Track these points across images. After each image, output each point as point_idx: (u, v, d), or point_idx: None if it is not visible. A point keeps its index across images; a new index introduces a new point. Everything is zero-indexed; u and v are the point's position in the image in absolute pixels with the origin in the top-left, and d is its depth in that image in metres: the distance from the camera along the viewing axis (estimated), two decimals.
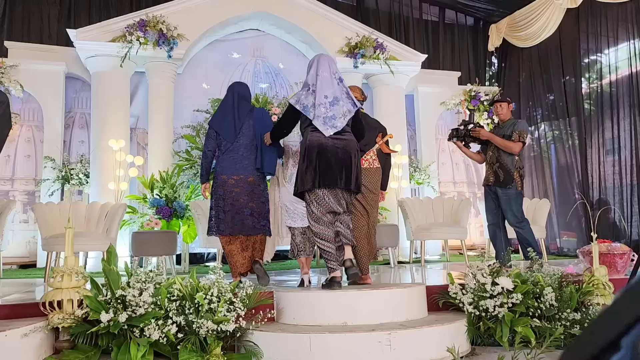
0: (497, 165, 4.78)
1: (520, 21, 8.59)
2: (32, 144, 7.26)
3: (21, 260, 6.83)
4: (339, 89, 3.42)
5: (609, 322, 0.46)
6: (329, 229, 3.35)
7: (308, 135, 3.38)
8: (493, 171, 4.81)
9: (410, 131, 8.60)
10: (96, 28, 6.87)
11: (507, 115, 4.90)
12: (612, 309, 0.47)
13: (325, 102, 3.35)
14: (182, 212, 6.31)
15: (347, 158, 3.32)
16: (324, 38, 7.74)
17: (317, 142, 3.32)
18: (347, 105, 3.39)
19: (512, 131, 4.75)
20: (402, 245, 7.02)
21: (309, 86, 3.45)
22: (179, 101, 7.37)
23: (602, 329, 0.47)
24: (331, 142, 3.32)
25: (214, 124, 4.04)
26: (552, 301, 3.42)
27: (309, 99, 3.39)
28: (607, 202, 7.27)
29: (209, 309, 3.03)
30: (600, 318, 0.48)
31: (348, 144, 3.37)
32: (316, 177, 3.28)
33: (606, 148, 7.44)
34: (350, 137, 3.42)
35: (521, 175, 4.74)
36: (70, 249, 3.17)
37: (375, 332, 3.01)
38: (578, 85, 7.89)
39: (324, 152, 3.29)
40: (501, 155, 4.76)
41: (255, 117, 4.03)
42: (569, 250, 7.73)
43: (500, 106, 4.90)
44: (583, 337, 0.49)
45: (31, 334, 2.95)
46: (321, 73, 3.44)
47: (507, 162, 4.72)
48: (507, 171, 4.71)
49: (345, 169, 3.31)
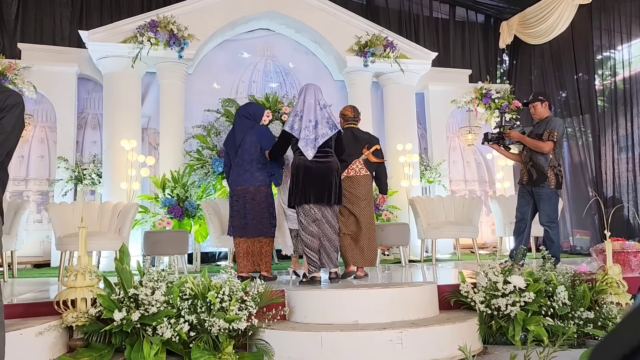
0: (531, 165, 4.76)
1: (532, 18, 8.52)
2: (45, 145, 7.34)
3: (35, 260, 6.90)
4: (320, 114, 4.03)
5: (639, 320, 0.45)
6: (314, 239, 3.99)
7: (296, 158, 4.05)
8: (527, 170, 4.81)
9: (420, 129, 8.57)
10: (108, 29, 6.93)
11: (542, 113, 4.84)
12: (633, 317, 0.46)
13: (309, 126, 3.99)
14: (194, 212, 6.34)
15: (327, 178, 3.97)
16: (334, 37, 7.74)
17: (303, 164, 3.98)
18: (324, 129, 3.99)
19: (544, 130, 4.72)
20: (413, 244, 6.99)
21: (297, 112, 4.06)
22: (190, 101, 7.41)
23: (633, 328, 0.45)
24: (315, 165, 3.97)
25: (224, 143, 4.78)
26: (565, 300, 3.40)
27: (297, 123, 4.02)
28: (621, 200, 7.18)
29: (220, 308, 3.05)
30: (631, 316, 0.46)
31: (329, 166, 4.01)
32: (303, 195, 3.95)
33: (620, 145, 7.36)
34: (332, 158, 4.05)
35: (556, 174, 4.69)
36: (83, 249, 3.20)
37: (386, 331, 3.01)
38: (591, 82, 7.81)
39: (308, 174, 3.95)
40: (534, 155, 4.74)
41: (257, 133, 4.52)
42: (582, 248, 7.66)
43: (533, 106, 4.88)
44: (613, 335, 0.47)
45: (45, 332, 2.99)
46: (307, 100, 4.06)
47: (540, 161, 4.69)
48: (540, 170, 4.69)
49: (327, 187, 3.96)
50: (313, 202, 3.95)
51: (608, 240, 3.87)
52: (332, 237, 4.06)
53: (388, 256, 7.10)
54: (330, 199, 3.97)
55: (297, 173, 3.99)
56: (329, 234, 4.05)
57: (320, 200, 3.96)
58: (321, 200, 3.96)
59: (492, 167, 8.83)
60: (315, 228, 4.00)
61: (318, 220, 4.00)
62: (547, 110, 4.85)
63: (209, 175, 6.75)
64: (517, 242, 4.89)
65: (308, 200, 3.94)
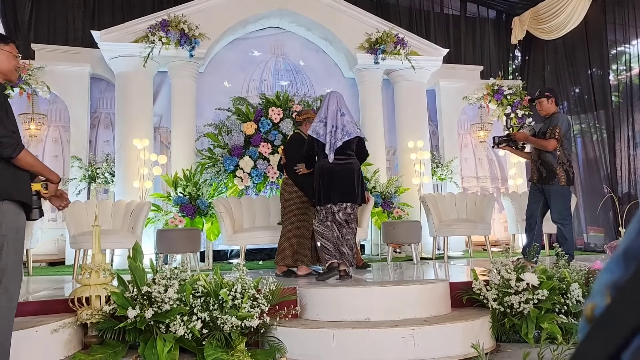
0: (539, 163, 4.73)
1: (544, 13, 8.43)
2: (59, 144, 7.42)
3: (50, 258, 6.99)
4: (340, 121, 4.27)
5: (606, 334, 0.44)
6: (329, 230, 4.15)
7: (321, 161, 4.25)
8: (536, 168, 4.78)
9: (432, 126, 8.53)
10: (120, 29, 6.98)
11: (549, 110, 4.79)
12: (608, 317, 0.45)
13: (332, 131, 4.23)
14: (206, 210, 6.37)
15: (350, 178, 4.18)
16: (344, 34, 7.72)
17: (327, 167, 4.19)
18: (343, 133, 4.20)
19: (548, 127, 4.69)
20: (424, 242, 6.97)
21: (322, 118, 4.30)
22: (201, 100, 7.44)
23: (600, 343, 0.44)
24: (337, 166, 4.18)
25: None
26: (579, 297, 3.37)
27: (321, 129, 4.26)
28: (636, 196, 7.09)
29: (232, 305, 3.07)
30: (597, 329, 0.45)
31: (351, 167, 4.22)
32: (327, 195, 4.15)
33: (635, 141, 7.26)
34: (353, 160, 4.26)
35: (566, 170, 4.64)
36: (97, 247, 3.24)
37: (398, 328, 3.00)
38: (605, 78, 7.71)
39: (331, 175, 4.16)
40: (542, 152, 4.71)
41: None
42: (596, 245, 7.57)
43: (539, 102, 4.83)
44: (582, 351, 0.47)
45: (60, 329, 3.02)
46: (330, 107, 4.29)
47: (549, 159, 4.66)
48: (549, 168, 4.65)
49: (350, 186, 4.17)
50: (338, 201, 4.14)
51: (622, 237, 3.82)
52: (348, 237, 4.15)
53: (400, 254, 7.08)
54: (353, 198, 4.18)
55: (322, 175, 4.19)
56: (346, 235, 4.15)
57: (346, 199, 4.14)
58: (346, 199, 4.15)
59: (504, 163, 8.76)
60: (332, 225, 4.15)
61: (337, 220, 4.16)
62: (554, 106, 4.79)
63: (221, 173, 6.77)
64: (528, 239, 4.87)
65: (332, 199, 4.14)
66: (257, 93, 7.53)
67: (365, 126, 7.64)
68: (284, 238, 4.76)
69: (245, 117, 6.91)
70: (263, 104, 7.01)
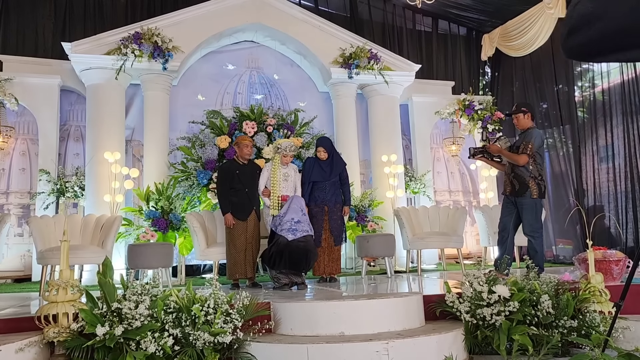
0: (513, 175, 4.82)
1: (512, 31, 8.67)
2: (27, 157, 7.24)
3: (16, 274, 6.78)
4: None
5: None
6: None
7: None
8: (509, 181, 4.86)
9: (405, 140, 8.63)
10: (91, 41, 6.89)
11: (525, 124, 4.90)
12: None
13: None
14: (178, 224, 6.29)
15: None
16: (319, 49, 7.79)
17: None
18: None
19: (522, 142, 4.79)
20: (398, 255, 7.01)
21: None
22: (174, 113, 7.38)
23: None
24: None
25: None
26: (549, 309, 3.42)
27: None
28: (602, 209, 7.30)
29: (205, 321, 3.02)
30: None
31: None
32: None
33: (600, 155, 7.49)
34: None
35: (538, 184, 4.74)
36: (65, 262, 3.16)
37: (372, 342, 3.00)
38: (571, 94, 7.95)
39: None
40: (515, 166, 4.81)
41: None
42: (564, 257, 7.74)
43: (516, 117, 4.95)
44: None
45: (26, 348, 2.93)
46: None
47: (522, 172, 4.75)
48: (522, 181, 4.74)
49: None
50: None
51: (590, 249, 3.92)
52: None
53: (374, 267, 7.10)
54: None
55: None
56: None
57: None
58: None
59: (475, 177, 8.92)
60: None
61: None
62: (530, 121, 4.91)
63: (194, 187, 6.70)
64: (500, 251, 4.94)
65: None
66: (232, 106, 7.51)
67: (340, 140, 7.69)
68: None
69: (219, 131, 6.87)
70: (237, 117, 6.99)
